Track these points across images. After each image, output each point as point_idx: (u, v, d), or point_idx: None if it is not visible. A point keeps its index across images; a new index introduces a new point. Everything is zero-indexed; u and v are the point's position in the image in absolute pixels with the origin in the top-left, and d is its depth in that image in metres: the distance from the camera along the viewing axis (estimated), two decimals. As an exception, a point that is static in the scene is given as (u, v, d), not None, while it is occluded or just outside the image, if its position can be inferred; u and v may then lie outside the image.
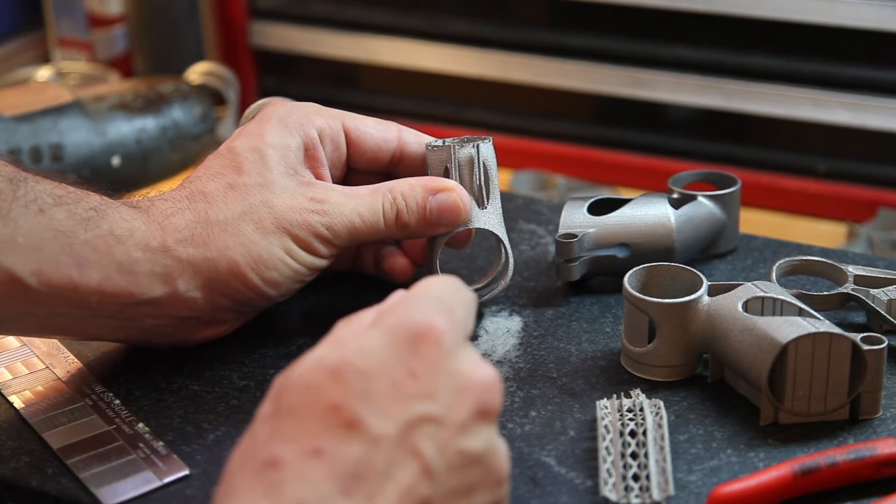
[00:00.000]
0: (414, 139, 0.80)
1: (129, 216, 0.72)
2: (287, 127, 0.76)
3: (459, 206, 0.77)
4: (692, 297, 0.72)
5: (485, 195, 0.79)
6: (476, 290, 0.81)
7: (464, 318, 0.60)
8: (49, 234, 0.68)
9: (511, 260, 0.80)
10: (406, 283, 0.82)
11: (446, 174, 0.78)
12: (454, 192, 0.77)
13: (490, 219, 0.79)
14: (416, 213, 0.76)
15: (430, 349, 0.56)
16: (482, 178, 0.78)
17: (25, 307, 0.69)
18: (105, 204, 0.72)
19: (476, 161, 0.78)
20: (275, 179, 0.74)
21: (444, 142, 0.79)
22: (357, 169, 0.80)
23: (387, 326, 0.57)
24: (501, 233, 0.79)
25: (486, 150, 0.79)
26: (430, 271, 0.79)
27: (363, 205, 0.75)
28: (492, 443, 0.57)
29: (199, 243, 0.72)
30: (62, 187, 0.71)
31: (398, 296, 0.60)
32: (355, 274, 0.85)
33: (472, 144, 0.78)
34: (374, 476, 0.53)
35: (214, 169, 0.75)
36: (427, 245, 0.81)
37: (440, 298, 0.59)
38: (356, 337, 0.57)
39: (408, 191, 0.76)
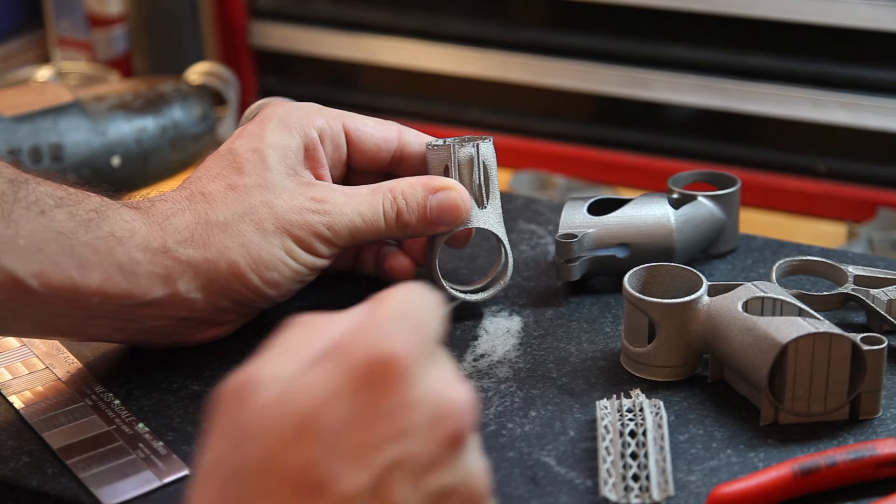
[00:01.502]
0: (414, 139, 0.80)
1: (130, 217, 0.72)
2: (287, 127, 0.76)
3: (460, 205, 0.77)
4: (692, 297, 0.72)
5: (484, 195, 0.79)
6: (476, 290, 0.81)
7: (430, 331, 0.55)
8: (50, 235, 0.68)
9: (511, 259, 0.80)
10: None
11: (446, 173, 0.78)
12: (454, 190, 0.77)
13: (490, 218, 0.79)
14: (416, 212, 0.76)
15: (397, 382, 0.51)
16: (482, 178, 0.78)
17: (26, 309, 0.69)
18: (106, 205, 0.72)
19: (476, 160, 0.78)
20: (275, 180, 0.74)
21: (444, 141, 0.79)
22: (357, 169, 0.80)
23: (350, 363, 0.51)
24: (501, 232, 0.79)
25: (487, 149, 0.79)
26: (430, 271, 0.80)
27: (363, 204, 0.75)
28: (466, 469, 0.54)
29: (200, 244, 0.72)
30: (63, 189, 0.71)
31: (357, 320, 0.54)
32: (356, 273, 0.85)
33: (472, 144, 0.78)
34: None
35: (215, 170, 0.75)
36: (427, 244, 0.81)
37: (401, 316, 0.54)
38: (320, 377, 0.51)
39: (408, 190, 0.76)
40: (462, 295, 0.80)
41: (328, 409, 0.50)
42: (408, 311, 0.54)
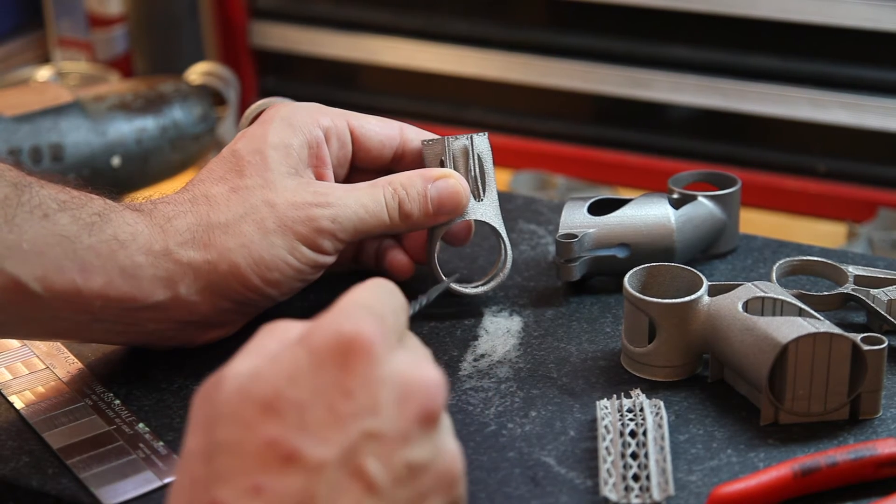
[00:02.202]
0: (415, 136, 0.80)
1: (133, 220, 0.72)
2: (290, 126, 0.76)
3: (459, 191, 0.77)
4: (692, 297, 0.72)
5: (480, 187, 0.79)
6: (476, 287, 0.81)
7: (394, 322, 0.56)
8: (53, 239, 0.68)
9: (509, 252, 0.80)
10: (407, 280, 0.82)
11: (442, 167, 0.79)
12: (452, 177, 0.77)
13: (487, 210, 0.79)
14: (417, 202, 0.76)
15: (362, 361, 0.53)
16: (477, 170, 0.79)
17: (29, 312, 0.69)
18: (109, 208, 0.72)
19: (471, 152, 0.79)
20: (276, 179, 0.74)
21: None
22: (360, 167, 0.80)
23: (314, 345, 0.53)
24: (499, 224, 0.79)
25: (481, 142, 0.79)
26: (430, 266, 0.80)
27: (365, 196, 0.75)
28: (439, 447, 0.55)
29: (200, 246, 0.72)
30: (66, 192, 0.71)
31: (326, 311, 0.57)
32: (356, 273, 0.85)
33: (465, 136, 0.79)
34: None
35: (217, 173, 0.75)
36: (426, 241, 0.81)
37: (366, 305, 0.55)
38: (284, 361, 0.53)
39: (407, 181, 0.77)
40: (462, 289, 0.80)
41: (291, 387, 0.52)
42: (370, 299, 0.56)
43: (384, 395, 0.53)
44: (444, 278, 0.79)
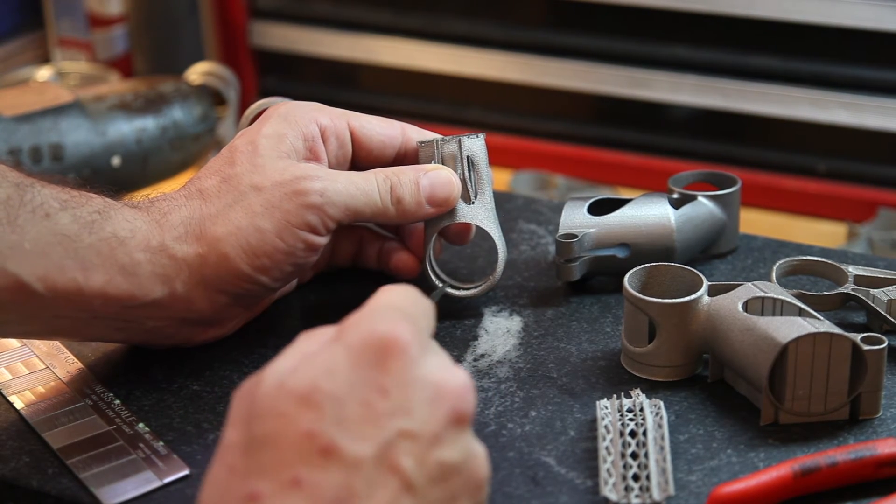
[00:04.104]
0: (418, 136, 0.80)
1: (132, 216, 0.72)
2: (286, 121, 0.76)
3: (451, 181, 0.78)
4: (692, 297, 0.72)
5: (471, 190, 0.79)
6: (468, 290, 0.80)
7: (426, 326, 0.58)
8: (55, 238, 0.68)
9: (501, 256, 0.80)
10: (411, 280, 0.82)
11: None
12: (444, 169, 0.78)
13: (478, 213, 0.79)
14: (409, 187, 0.76)
15: (398, 362, 0.54)
16: (466, 173, 0.79)
17: (30, 311, 0.69)
18: (108, 206, 0.72)
19: (459, 156, 0.79)
20: (265, 163, 0.74)
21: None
22: (361, 168, 0.80)
23: (350, 343, 0.55)
24: (490, 227, 0.79)
25: (472, 145, 0.79)
26: (423, 264, 0.80)
27: (357, 176, 0.75)
28: (469, 449, 0.56)
29: (193, 239, 0.72)
30: (67, 191, 0.71)
31: (358, 311, 0.58)
32: (356, 272, 0.85)
33: (455, 139, 0.79)
34: (356, 500, 0.52)
35: (213, 167, 0.75)
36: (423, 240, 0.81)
37: (400, 308, 0.57)
38: (321, 357, 0.55)
39: (398, 170, 0.77)
40: (451, 290, 0.80)
41: (328, 381, 0.54)
42: (403, 303, 0.58)
43: (417, 395, 0.54)
44: (435, 279, 0.79)
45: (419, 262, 0.82)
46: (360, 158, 0.79)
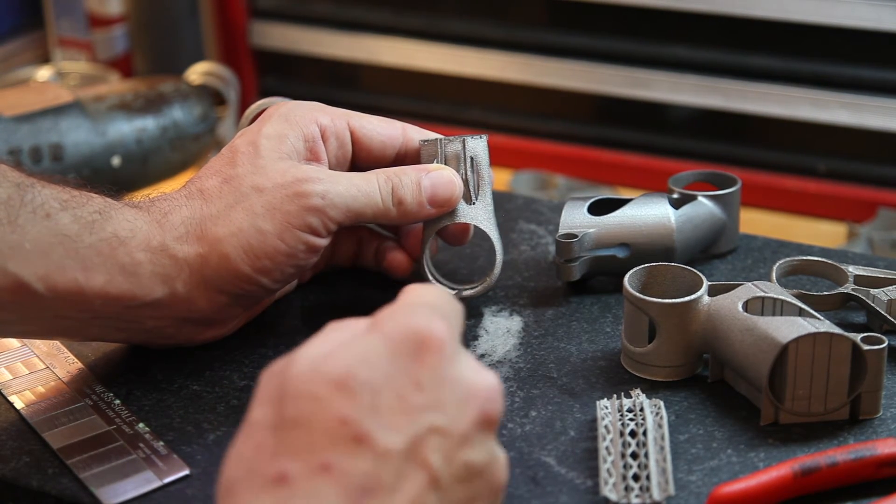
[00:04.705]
0: (419, 136, 0.80)
1: (132, 216, 0.72)
2: (287, 121, 0.76)
3: (453, 181, 0.77)
4: (692, 297, 0.72)
5: (472, 190, 0.79)
6: (468, 290, 0.80)
7: (457, 326, 0.59)
8: (55, 238, 0.68)
9: (499, 257, 0.79)
10: (404, 280, 0.82)
11: None
12: (447, 170, 0.78)
13: (478, 214, 0.79)
14: (410, 188, 0.76)
15: (434, 357, 0.55)
16: (468, 173, 0.79)
17: (31, 311, 0.69)
18: (109, 206, 0.72)
19: (462, 156, 0.79)
20: (266, 165, 0.74)
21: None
22: (361, 168, 0.80)
23: (388, 333, 0.55)
24: (489, 228, 0.79)
25: (475, 145, 0.79)
26: (421, 263, 0.80)
27: (358, 178, 0.75)
28: (493, 453, 0.57)
29: (193, 240, 0.72)
30: (67, 191, 0.71)
31: (392, 306, 0.58)
32: (356, 273, 0.85)
33: (459, 139, 0.79)
34: (383, 490, 0.52)
35: (213, 167, 0.75)
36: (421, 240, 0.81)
37: (435, 306, 0.57)
38: (357, 344, 0.55)
39: (400, 171, 0.77)
40: (451, 292, 0.80)
41: (365, 368, 0.54)
42: (437, 302, 0.58)
43: (450, 393, 0.55)
44: (431, 279, 0.80)
45: (413, 262, 0.82)
46: (361, 158, 0.79)
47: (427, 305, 0.57)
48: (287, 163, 0.74)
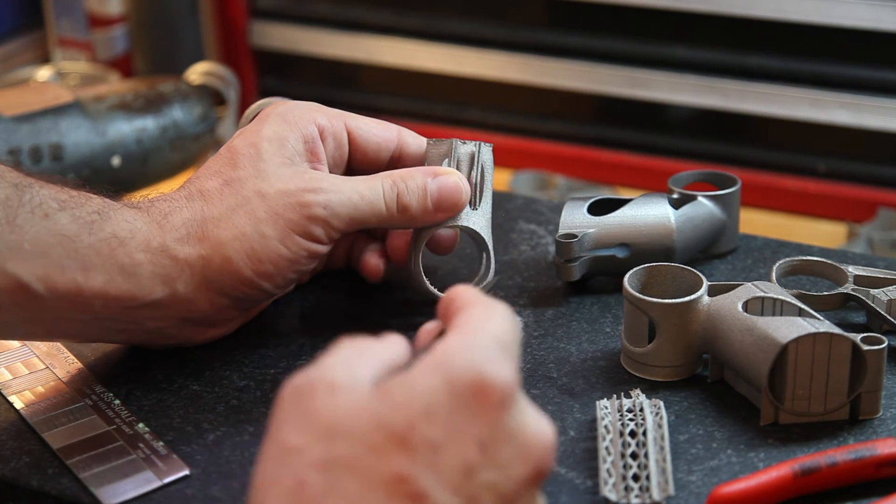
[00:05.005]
0: (413, 140, 0.80)
1: (131, 217, 0.72)
2: (286, 122, 0.76)
3: (460, 188, 0.76)
4: (692, 297, 0.72)
5: (478, 196, 0.79)
6: None
7: (518, 357, 0.56)
8: (54, 239, 0.68)
9: (492, 265, 0.79)
10: (374, 285, 0.81)
11: None
12: (454, 174, 0.77)
13: (479, 220, 0.78)
14: (416, 195, 0.75)
15: (497, 412, 0.52)
16: (479, 178, 0.78)
17: (30, 312, 0.69)
18: (108, 206, 0.72)
19: (476, 159, 0.78)
20: (269, 169, 0.73)
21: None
22: (357, 169, 0.80)
23: (453, 379, 0.52)
24: (487, 236, 0.78)
25: (486, 152, 0.79)
26: (408, 271, 0.78)
27: (362, 185, 0.74)
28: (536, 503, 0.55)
29: (195, 241, 0.72)
30: (66, 191, 0.71)
31: (457, 332, 0.55)
32: (356, 273, 0.85)
33: (473, 143, 0.78)
34: None
35: (213, 168, 0.75)
36: (410, 243, 0.79)
37: (501, 340, 0.54)
38: (419, 390, 0.52)
39: (406, 175, 0.75)
40: (440, 293, 0.79)
41: (428, 424, 0.51)
42: (506, 335, 0.55)
43: (509, 450, 0.53)
44: (426, 282, 0.78)
45: (385, 268, 0.81)
46: (356, 160, 0.79)
47: (494, 339, 0.54)
48: (290, 169, 0.74)
